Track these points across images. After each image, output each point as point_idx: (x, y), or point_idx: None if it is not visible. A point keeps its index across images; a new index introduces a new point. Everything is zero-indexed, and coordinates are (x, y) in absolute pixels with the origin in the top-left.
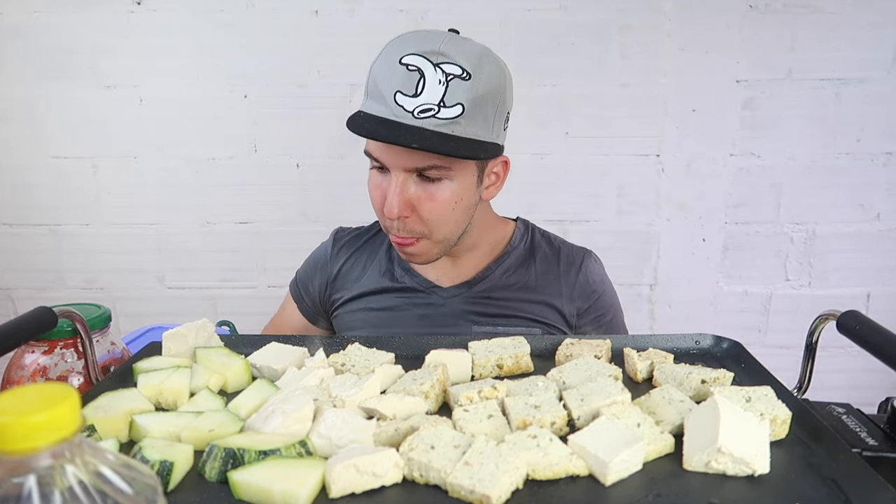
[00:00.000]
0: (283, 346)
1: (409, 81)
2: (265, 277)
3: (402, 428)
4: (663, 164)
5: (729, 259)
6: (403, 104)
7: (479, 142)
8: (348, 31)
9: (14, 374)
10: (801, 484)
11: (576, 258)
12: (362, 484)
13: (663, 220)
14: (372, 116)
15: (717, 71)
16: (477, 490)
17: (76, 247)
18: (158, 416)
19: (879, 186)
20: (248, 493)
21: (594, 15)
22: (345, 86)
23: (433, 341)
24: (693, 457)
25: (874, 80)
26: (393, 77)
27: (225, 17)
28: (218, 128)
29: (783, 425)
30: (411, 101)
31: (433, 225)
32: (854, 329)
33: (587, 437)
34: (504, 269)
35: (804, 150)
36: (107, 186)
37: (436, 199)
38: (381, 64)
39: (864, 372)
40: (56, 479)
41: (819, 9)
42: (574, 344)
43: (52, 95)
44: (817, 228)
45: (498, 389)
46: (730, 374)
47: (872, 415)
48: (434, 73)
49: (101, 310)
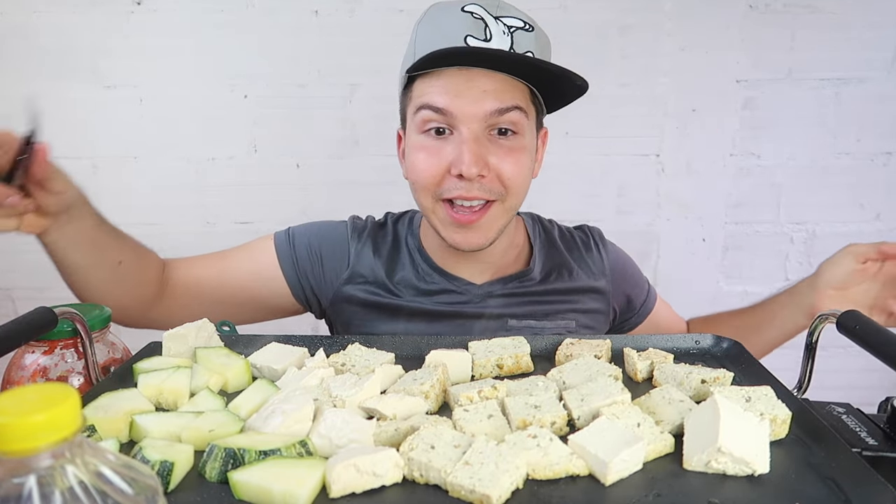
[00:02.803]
0: (283, 346)
1: (476, 28)
2: None
3: (402, 428)
4: (663, 164)
5: (729, 259)
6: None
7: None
8: (348, 31)
9: (14, 374)
10: (801, 484)
11: (589, 236)
12: (362, 484)
13: (663, 220)
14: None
15: (717, 71)
16: (477, 490)
17: None
18: (159, 417)
19: (879, 186)
20: (249, 494)
21: (594, 15)
22: (345, 86)
23: (433, 341)
24: (693, 457)
25: (874, 80)
26: (460, 23)
27: (225, 17)
28: (218, 128)
29: (783, 425)
30: (484, 46)
31: (512, 183)
32: (854, 329)
33: (587, 437)
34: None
35: (804, 150)
36: (107, 186)
37: (514, 154)
38: (439, 14)
39: (864, 372)
40: (56, 480)
41: (819, 9)
42: (574, 344)
43: (52, 95)
44: (817, 228)
45: (498, 389)
46: (729, 374)
47: (872, 415)
48: (495, 23)
49: (102, 310)
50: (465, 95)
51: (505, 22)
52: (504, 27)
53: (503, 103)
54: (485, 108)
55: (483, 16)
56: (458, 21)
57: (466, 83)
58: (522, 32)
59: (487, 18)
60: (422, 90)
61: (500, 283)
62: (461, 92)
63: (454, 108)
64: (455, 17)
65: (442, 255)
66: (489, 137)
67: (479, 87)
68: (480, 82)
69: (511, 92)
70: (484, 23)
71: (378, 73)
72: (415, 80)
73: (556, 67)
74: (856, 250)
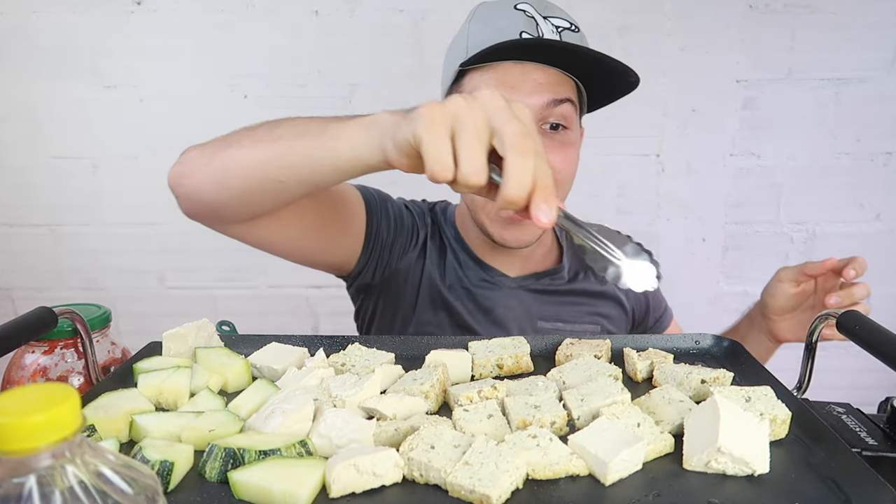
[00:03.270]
0: (283, 347)
1: (529, 25)
2: (265, 277)
3: (402, 428)
4: (663, 164)
5: (729, 259)
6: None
7: None
8: (348, 31)
9: (14, 374)
10: (801, 484)
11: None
12: (362, 484)
13: (663, 220)
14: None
15: (717, 71)
16: (477, 490)
17: (76, 247)
18: (158, 416)
19: (879, 186)
20: (249, 493)
21: (594, 15)
22: (345, 86)
23: (433, 341)
24: (693, 457)
25: (874, 80)
26: (514, 20)
27: (225, 17)
28: (218, 128)
29: (783, 425)
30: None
31: (562, 177)
32: (854, 329)
33: (587, 437)
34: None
35: (804, 150)
36: (107, 186)
37: (564, 148)
38: (491, 12)
39: (864, 372)
40: (56, 480)
41: (819, 9)
42: (574, 344)
43: (52, 95)
44: (817, 228)
45: (498, 389)
46: (729, 374)
47: (872, 415)
48: (545, 22)
49: (101, 310)
50: (520, 88)
51: (553, 22)
52: (552, 27)
53: (557, 94)
54: (541, 100)
55: (534, 14)
56: (512, 18)
57: (521, 76)
58: (569, 33)
59: (538, 17)
60: (474, 84)
61: (533, 279)
62: (517, 84)
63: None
64: (509, 14)
65: (481, 246)
66: (541, 131)
67: (534, 80)
68: (535, 75)
69: (563, 85)
70: (535, 21)
71: (378, 73)
72: (465, 74)
73: (618, 63)
74: (786, 276)
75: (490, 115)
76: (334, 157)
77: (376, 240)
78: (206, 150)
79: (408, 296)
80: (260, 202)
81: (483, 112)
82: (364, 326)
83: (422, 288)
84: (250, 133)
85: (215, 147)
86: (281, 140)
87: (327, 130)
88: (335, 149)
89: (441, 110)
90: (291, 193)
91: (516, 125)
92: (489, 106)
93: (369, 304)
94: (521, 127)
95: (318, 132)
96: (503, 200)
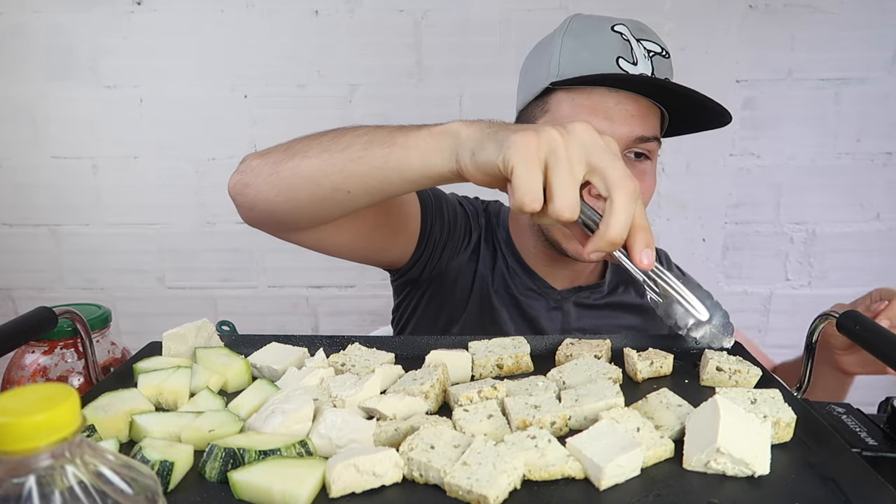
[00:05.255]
0: (283, 346)
1: (625, 50)
2: (265, 277)
3: (402, 428)
4: (663, 164)
5: (729, 259)
6: (627, 70)
7: None
8: (348, 31)
9: (14, 374)
10: (801, 484)
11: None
12: (362, 484)
13: (663, 220)
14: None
15: (717, 71)
16: (474, 490)
17: (76, 247)
18: (158, 416)
19: (879, 186)
20: (249, 493)
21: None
22: (345, 86)
23: (433, 341)
24: (692, 457)
25: (874, 80)
26: (611, 43)
27: (225, 17)
28: (218, 128)
29: (787, 428)
30: (632, 69)
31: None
32: (854, 329)
33: (585, 440)
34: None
35: (804, 150)
36: (107, 186)
37: (645, 177)
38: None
39: None
40: (56, 480)
41: (819, 9)
42: (574, 344)
43: (52, 95)
44: (817, 228)
45: (498, 389)
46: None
47: (872, 415)
48: (638, 46)
49: (101, 310)
50: (613, 118)
51: (645, 46)
52: (645, 51)
53: (646, 132)
54: (632, 133)
55: (629, 37)
56: (609, 41)
57: (616, 105)
58: (660, 58)
59: (632, 40)
60: (564, 108)
61: (575, 292)
62: (610, 114)
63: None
64: (606, 36)
65: (534, 256)
66: (626, 159)
67: (627, 111)
68: (628, 106)
69: (652, 119)
70: (630, 45)
71: (378, 73)
72: (553, 91)
73: (715, 103)
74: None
75: (588, 151)
76: (404, 168)
77: (429, 240)
78: (269, 158)
79: (457, 296)
80: (325, 211)
81: (579, 148)
82: (402, 321)
83: (473, 290)
84: (315, 143)
85: (279, 156)
86: (348, 150)
87: (395, 140)
88: (406, 159)
89: (537, 142)
90: (357, 203)
91: (620, 167)
92: (586, 142)
93: (413, 299)
94: (623, 169)
95: (386, 142)
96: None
